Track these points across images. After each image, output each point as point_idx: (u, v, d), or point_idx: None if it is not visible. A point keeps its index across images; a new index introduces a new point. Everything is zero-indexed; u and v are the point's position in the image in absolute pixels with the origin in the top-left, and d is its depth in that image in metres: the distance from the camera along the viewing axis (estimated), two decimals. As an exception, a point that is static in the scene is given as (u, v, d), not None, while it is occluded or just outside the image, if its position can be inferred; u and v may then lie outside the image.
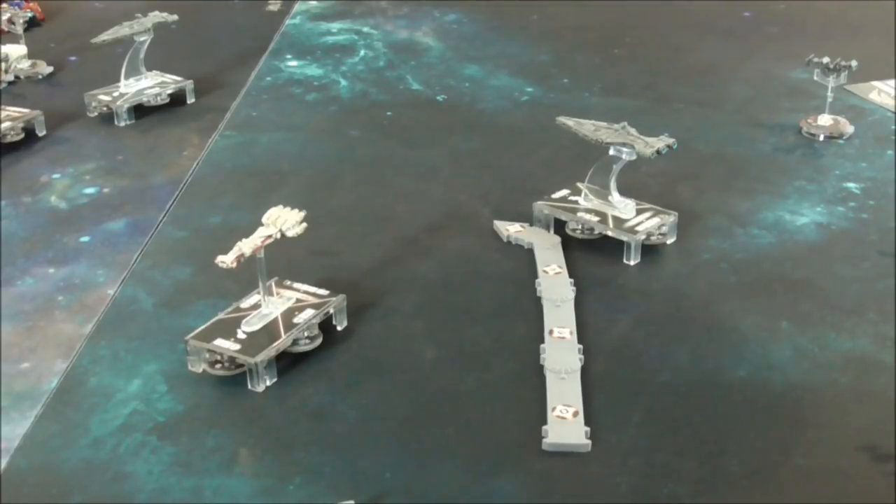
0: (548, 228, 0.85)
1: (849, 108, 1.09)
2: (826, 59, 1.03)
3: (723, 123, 1.09)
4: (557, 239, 0.83)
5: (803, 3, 1.51)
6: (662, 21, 1.45)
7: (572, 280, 0.77)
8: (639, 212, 0.83)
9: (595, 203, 0.84)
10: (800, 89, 1.15)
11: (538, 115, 1.12)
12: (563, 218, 0.84)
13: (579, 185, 0.86)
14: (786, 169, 0.98)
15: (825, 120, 1.04)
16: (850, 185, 0.94)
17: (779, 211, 0.89)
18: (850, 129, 1.04)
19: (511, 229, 0.84)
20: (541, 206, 0.85)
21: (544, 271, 0.78)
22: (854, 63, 1.02)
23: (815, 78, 1.04)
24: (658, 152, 0.80)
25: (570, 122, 0.86)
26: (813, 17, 1.45)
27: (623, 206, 0.83)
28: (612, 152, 0.82)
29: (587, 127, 0.84)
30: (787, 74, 1.21)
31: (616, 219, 0.82)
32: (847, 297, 0.76)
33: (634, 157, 0.81)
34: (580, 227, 0.84)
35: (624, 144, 0.81)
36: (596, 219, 0.83)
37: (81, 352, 0.71)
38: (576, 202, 0.85)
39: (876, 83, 1.16)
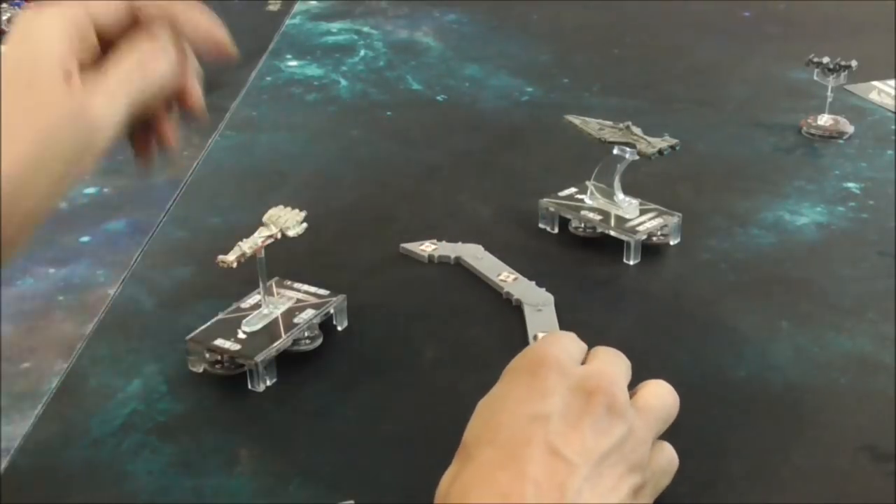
0: (553, 226, 0.85)
1: (849, 108, 1.09)
2: (826, 59, 1.03)
3: (723, 123, 1.09)
4: (478, 247, 0.82)
5: (803, 3, 1.51)
6: (662, 21, 1.45)
7: (516, 276, 0.77)
8: (642, 212, 0.83)
9: (600, 202, 0.84)
10: (800, 89, 1.15)
11: (538, 115, 1.12)
12: (567, 216, 0.84)
13: (587, 183, 0.86)
14: (786, 169, 0.98)
15: (825, 120, 1.04)
16: (850, 185, 0.94)
17: (779, 211, 0.89)
18: (850, 129, 1.04)
19: (428, 248, 0.82)
20: (546, 203, 0.85)
21: (502, 279, 0.77)
22: (854, 63, 1.02)
23: (815, 78, 1.04)
24: (661, 152, 0.80)
25: (576, 120, 0.86)
26: (813, 17, 1.45)
27: (627, 206, 0.83)
28: (615, 151, 0.82)
29: (592, 126, 0.84)
30: (787, 74, 1.21)
31: (619, 218, 0.82)
32: (847, 297, 0.76)
33: (637, 157, 0.81)
34: (582, 225, 0.84)
35: (627, 144, 0.81)
36: (598, 217, 0.83)
37: (81, 352, 0.71)
38: (581, 200, 0.85)
39: (876, 83, 1.16)
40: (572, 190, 0.87)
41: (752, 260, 0.82)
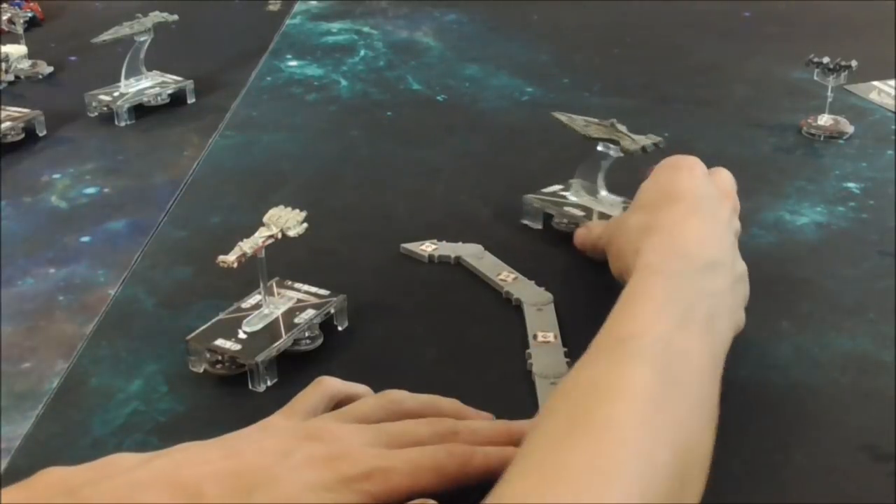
0: (537, 222, 0.85)
1: (849, 108, 1.09)
2: (826, 59, 1.03)
3: (723, 123, 1.09)
4: (478, 246, 0.82)
5: (803, 3, 1.51)
6: (662, 21, 1.45)
7: (516, 275, 0.77)
8: (625, 208, 0.83)
9: (584, 199, 0.84)
10: (800, 89, 1.15)
11: (538, 115, 1.12)
12: (551, 212, 0.84)
13: (571, 180, 0.86)
14: (786, 169, 0.98)
15: (825, 120, 1.04)
16: (850, 185, 0.94)
17: (779, 211, 0.89)
18: (850, 129, 1.04)
19: (428, 248, 0.82)
20: (530, 199, 0.85)
21: (502, 279, 0.77)
22: (854, 63, 1.02)
23: (815, 78, 1.04)
24: (644, 150, 0.80)
25: (563, 117, 0.86)
26: (813, 17, 1.45)
27: (609, 203, 0.83)
28: (600, 148, 0.83)
29: (578, 122, 0.84)
30: (787, 74, 1.21)
31: (602, 214, 0.82)
32: (847, 297, 0.76)
33: (622, 155, 0.81)
34: (565, 220, 0.84)
35: (610, 140, 0.81)
36: (581, 214, 0.83)
37: (82, 352, 0.71)
38: (565, 197, 0.85)
39: (876, 83, 1.16)
40: (557, 187, 0.87)
41: (752, 260, 0.82)
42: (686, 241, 0.63)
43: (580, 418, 0.48)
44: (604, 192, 0.83)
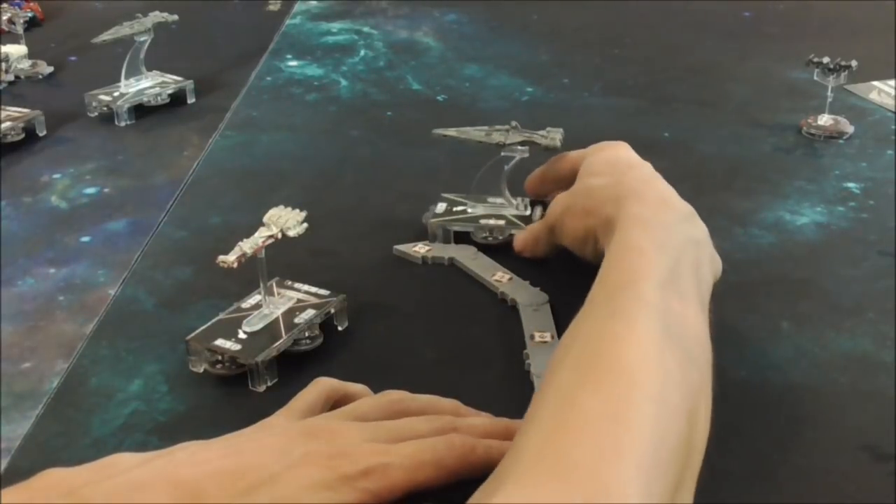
0: (448, 241, 0.84)
1: (849, 108, 1.09)
2: (826, 59, 1.03)
3: (723, 123, 1.09)
4: (471, 247, 0.82)
5: (803, 3, 1.51)
6: (662, 21, 1.45)
7: (510, 276, 0.77)
8: (530, 204, 0.85)
9: (482, 208, 0.85)
10: (800, 89, 1.15)
11: (538, 115, 1.12)
12: (466, 229, 0.83)
13: (445, 194, 0.86)
14: (786, 169, 0.98)
15: (825, 120, 1.05)
16: (850, 185, 0.94)
17: (779, 211, 0.89)
18: (850, 129, 1.04)
19: (421, 250, 0.82)
20: (436, 224, 0.84)
21: (497, 279, 0.77)
22: (854, 63, 1.02)
23: (815, 78, 1.04)
24: (559, 142, 0.81)
25: (450, 132, 0.85)
26: (813, 17, 1.45)
27: (519, 203, 0.84)
28: (504, 153, 0.82)
29: (475, 134, 0.84)
30: (787, 74, 1.21)
31: (519, 217, 0.83)
32: (847, 297, 0.76)
33: (527, 155, 0.82)
34: (489, 233, 0.83)
35: (522, 143, 0.82)
36: (501, 222, 0.83)
37: (82, 352, 0.71)
38: (466, 211, 0.85)
39: (876, 83, 1.16)
40: (443, 205, 0.86)
41: (752, 260, 0.82)
42: (664, 193, 0.67)
43: (591, 366, 0.49)
44: (508, 195, 0.84)
